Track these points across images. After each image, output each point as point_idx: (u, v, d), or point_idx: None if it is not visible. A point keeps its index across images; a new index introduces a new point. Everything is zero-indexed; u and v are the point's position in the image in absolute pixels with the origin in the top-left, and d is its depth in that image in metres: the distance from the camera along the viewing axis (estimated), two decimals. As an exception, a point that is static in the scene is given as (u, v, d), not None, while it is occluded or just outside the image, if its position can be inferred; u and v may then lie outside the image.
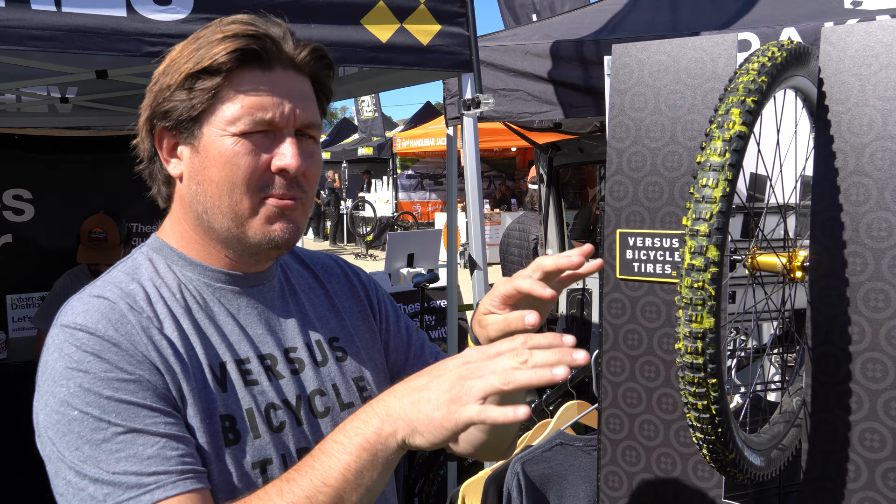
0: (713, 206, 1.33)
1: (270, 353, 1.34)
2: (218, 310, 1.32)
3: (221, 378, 1.26)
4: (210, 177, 1.28)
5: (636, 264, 1.91)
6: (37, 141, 5.20)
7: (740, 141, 1.35)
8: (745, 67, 1.44)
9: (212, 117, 1.27)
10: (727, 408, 1.42)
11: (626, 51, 1.91)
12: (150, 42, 2.53)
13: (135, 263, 1.34)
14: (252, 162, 1.27)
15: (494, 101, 3.31)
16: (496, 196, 21.44)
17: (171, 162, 1.33)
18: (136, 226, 5.27)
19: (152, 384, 1.18)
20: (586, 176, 6.97)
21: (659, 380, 1.90)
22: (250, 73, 1.27)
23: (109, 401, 1.14)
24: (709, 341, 1.34)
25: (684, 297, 1.35)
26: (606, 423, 1.99)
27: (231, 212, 1.28)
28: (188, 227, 1.35)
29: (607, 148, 1.93)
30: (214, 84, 1.26)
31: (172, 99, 1.28)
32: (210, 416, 1.22)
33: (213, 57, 1.25)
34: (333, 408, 1.38)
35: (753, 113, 1.38)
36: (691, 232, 1.34)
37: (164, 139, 1.32)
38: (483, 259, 3.46)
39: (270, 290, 1.41)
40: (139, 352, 1.19)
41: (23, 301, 5.07)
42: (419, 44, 3.08)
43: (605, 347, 1.97)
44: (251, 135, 1.26)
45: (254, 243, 1.31)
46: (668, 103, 1.85)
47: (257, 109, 1.26)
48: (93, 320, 1.19)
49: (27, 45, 2.38)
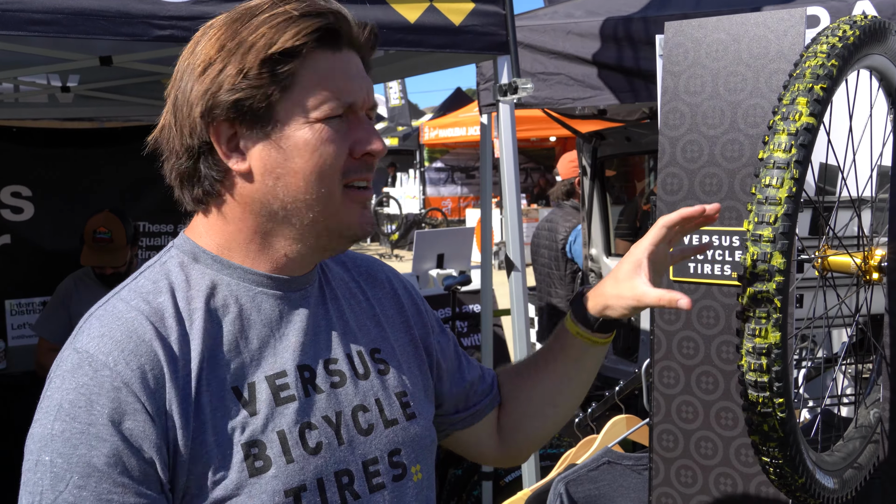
0: (778, 209, 1.31)
1: (309, 365, 1.34)
2: (256, 317, 1.32)
3: (249, 399, 1.26)
4: (294, 168, 1.28)
5: (692, 265, 1.90)
6: (36, 134, 5.26)
7: (808, 134, 1.33)
8: (813, 50, 1.42)
9: (289, 104, 1.27)
10: (796, 429, 1.40)
11: (681, 29, 1.89)
12: (159, 25, 2.55)
13: (164, 270, 1.33)
14: (339, 149, 1.29)
15: (533, 87, 3.30)
16: (534, 191, 21.41)
17: (232, 157, 1.29)
18: (144, 225, 5.32)
19: (136, 447, 1.18)
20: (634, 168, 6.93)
21: (717, 392, 1.88)
22: (323, 54, 1.28)
23: (79, 460, 1.16)
24: (775, 357, 1.33)
25: (747, 310, 1.34)
26: (659, 440, 1.97)
27: (318, 203, 1.29)
28: (246, 227, 1.33)
29: (659, 137, 1.92)
30: (293, 68, 1.25)
31: (240, 87, 1.24)
32: (230, 447, 1.23)
33: (294, 38, 1.24)
34: (377, 425, 1.38)
35: (822, 102, 1.36)
36: (753, 237, 1.32)
37: (223, 132, 1.28)
38: (521, 259, 3.45)
39: (312, 295, 1.40)
40: (145, 392, 1.19)
41: (22, 307, 5.14)
42: (451, 24, 3.08)
43: (656, 356, 1.95)
44: (330, 120, 1.28)
45: (343, 235, 1.33)
46: (728, 86, 1.83)
47: (340, 93, 1.28)
48: (105, 349, 1.20)
49: (27, 29, 2.41)
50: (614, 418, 2.95)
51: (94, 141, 5.38)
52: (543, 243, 5.89)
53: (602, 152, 5.48)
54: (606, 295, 1.50)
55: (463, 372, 1.62)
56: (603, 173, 5.61)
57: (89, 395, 1.18)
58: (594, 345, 1.55)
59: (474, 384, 1.62)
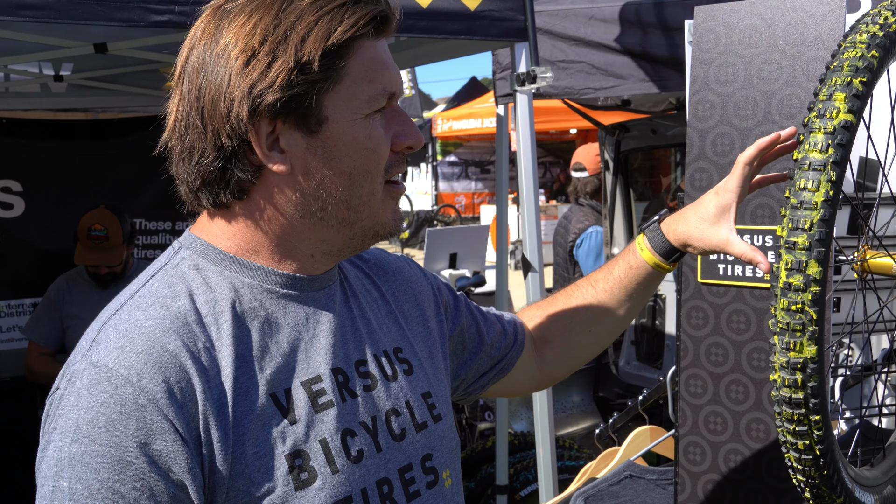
0: (814, 214, 1.29)
1: (341, 368, 1.33)
2: (283, 320, 1.29)
3: (288, 407, 1.24)
4: (341, 168, 1.25)
5: (721, 266, 1.89)
6: (27, 125, 5.28)
7: (846, 133, 1.31)
8: (852, 40, 1.39)
9: (337, 98, 1.23)
10: (833, 446, 1.39)
11: (712, 13, 1.88)
12: (157, 10, 2.56)
13: (178, 272, 1.28)
14: (385, 143, 1.28)
15: (553, 75, 3.29)
16: (553, 186, 21.40)
17: (272, 157, 1.24)
18: (140, 222, 5.33)
19: (165, 469, 1.14)
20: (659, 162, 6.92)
21: (748, 402, 1.87)
22: (368, 42, 1.26)
23: (101, 486, 1.12)
24: (810, 373, 1.31)
25: (780, 322, 1.32)
26: (685, 453, 1.96)
27: (360, 202, 1.28)
28: (275, 229, 1.29)
29: (687, 129, 1.91)
30: (345, 60, 1.23)
31: (296, 83, 1.19)
32: (272, 459, 1.20)
33: (353, 27, 1.21)
34: (409, 429, 1.37)
35: (862, 97, 1.34)
36: (787, 244, 1.31)
37: (262, 130, 1.23)
38: (538, 259, 3.44)
39: (335, 294, 1.39)
40: (173, 409, 1.15)
41: (12, 308, 5.17)
42: (465, 8, 3.07)
43: (683, 364, 1.94)
44: (376, 114, 1.27)
45: (377, 234, 1.34)
46: (762, 75, 1.82)
47: (387, 84, 1.27)
48: (126, 363, 1.16)
49: (17, 14, 2.42)
50: (637, 429, 2.93)
51: (89, 133, 5.40)
52: (559, 241, 5.88)
53: (626, 146, 5.46)
54: (690, 230, 1.60)
55: (483, 337, 1.67)
56: (626, 168, 5.59)
57: (110, 415, 1.13)
58: (664, 271, 1.69)
59: (495, 342, 1.68)
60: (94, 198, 4.69)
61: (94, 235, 4.26)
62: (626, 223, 5.58)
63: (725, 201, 1.55)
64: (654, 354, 5.14)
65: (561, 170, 22.27)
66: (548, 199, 18.95)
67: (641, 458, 2.86)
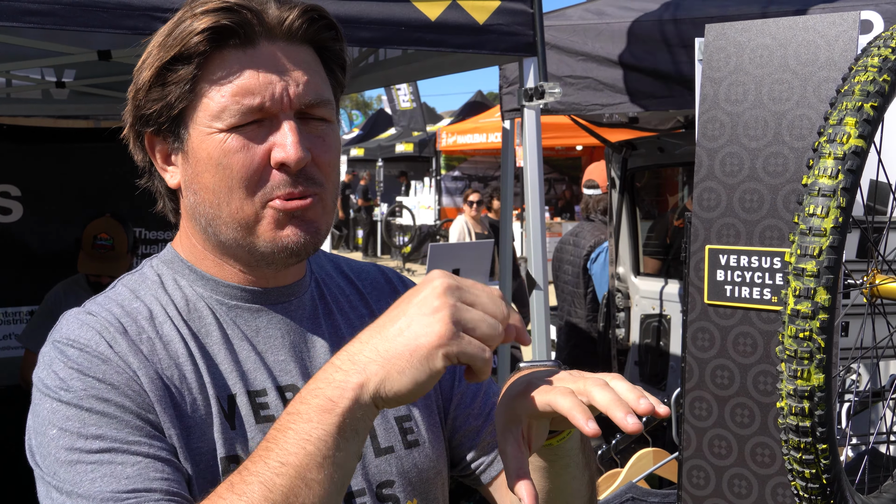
0: (823, 241, 1.29)
1: (293, 384, 1.33)
2: (232, 332, 1.32)
3: (230, 413, 1.26)
4: (205, 184, 1.27)
5: (728, 287, 1.88)
6: (28, 131, 5.28)
7: (856, 159, 1.31)
8: (863, 63, 1.39)
9: (194, 113, 1.26)
10: (841, 475, 1.38)
11: (723, 32, 1.88)
12: (162, 18, 2.54)
13: (141, 276, 1.37)
14: (245, 159, 1.24)
15: (561, 91, 3.29)
16: (558, 203, 21.41)
17: (167, 171, 1.34)
18: (141, 231, 5.32)
19: (141, 406, 1.19)
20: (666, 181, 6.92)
21: (753, 426, 1.86)
22: (230, 53, 1.25)
23: (90, 413, 1.16)
24: (818, 401, 1.31)
25: (788, 349, 1.32)
26: (688, 477, 1.95)
27: (233, 221, 1.27)
28: (196, 241, 1.36)
29: (696, 148, 1.91)
30: (189, 73, 1.24)
31: (150, 98, 1.27)
32: (211, 459, 1.23)
33: (183, 41, 1.23)
34: (366, 454, 1.36)
35: (873, 122, 1.34)
36: (796, 271, 1.31)
37: (156, 146, 1.33)
38: (543, 277, 3.44)
39: (299, 309, 1.39)
40: (132, 370, 1.21)
41: (9, 316, 5.16)
42: (474, 22, 3.08)
43: (687, 386, 1.94)
44: (242, 127, 1.24)
45: (266, 253, 1.29)
46: (773, 95, 1.82)
47: (242, 95, 1.23)
48: (86, 335, 1.23)
49: (21, 20, 2.42)
50: (640, 451, 2.93)
51: (90, 140, 5.39)
52: (567, 258, 5.87)
53: (633, 163, 5.46)
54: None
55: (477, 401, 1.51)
56: (633, 186, 5.60)
57: (80, 367, 1.19)
58: (556, 447, 1.31)
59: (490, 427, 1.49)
60: (93, 205, 4.67)
61: (100, 245, 4.23)
62: (632, 242, 5.58)
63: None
64: (658, 375, 5.13)
65: (567, 186, 22.29)
66: (552, 216, 18.94)
67: (644, 481, 2.86)
